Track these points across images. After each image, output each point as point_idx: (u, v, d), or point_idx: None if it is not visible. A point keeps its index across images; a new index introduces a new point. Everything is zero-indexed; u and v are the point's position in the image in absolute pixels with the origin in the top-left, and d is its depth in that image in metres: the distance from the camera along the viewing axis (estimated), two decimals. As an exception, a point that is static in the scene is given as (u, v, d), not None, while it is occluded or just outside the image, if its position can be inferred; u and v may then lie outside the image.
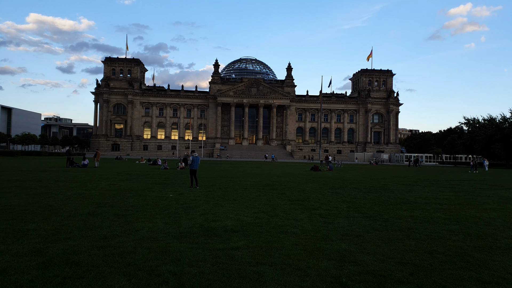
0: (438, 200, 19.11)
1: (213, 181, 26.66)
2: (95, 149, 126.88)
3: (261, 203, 15.83)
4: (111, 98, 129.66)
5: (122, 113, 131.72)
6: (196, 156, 21.80)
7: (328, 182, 28.40)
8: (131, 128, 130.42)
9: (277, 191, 21.31)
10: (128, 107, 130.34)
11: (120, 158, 72.18)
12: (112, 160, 67.80)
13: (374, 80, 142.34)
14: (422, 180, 33.60)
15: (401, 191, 22.96)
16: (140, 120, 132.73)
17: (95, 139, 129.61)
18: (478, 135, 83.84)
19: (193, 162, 21.52)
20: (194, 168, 21.53)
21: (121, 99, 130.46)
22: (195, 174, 21.65)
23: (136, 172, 35.45)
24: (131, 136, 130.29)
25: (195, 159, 21.57)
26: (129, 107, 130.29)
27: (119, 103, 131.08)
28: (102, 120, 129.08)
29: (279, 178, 31.37)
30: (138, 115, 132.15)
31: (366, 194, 20.62)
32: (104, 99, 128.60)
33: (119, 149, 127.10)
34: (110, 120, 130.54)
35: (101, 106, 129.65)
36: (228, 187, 22.77)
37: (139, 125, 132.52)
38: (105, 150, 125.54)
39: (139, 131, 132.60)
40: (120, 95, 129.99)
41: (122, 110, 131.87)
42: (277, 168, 53.77)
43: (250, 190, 21.33)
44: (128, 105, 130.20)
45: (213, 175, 33.18)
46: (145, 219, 11.67)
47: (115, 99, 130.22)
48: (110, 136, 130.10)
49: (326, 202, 17.02)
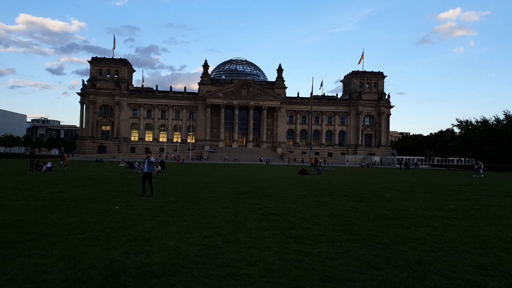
0: (444, 211, 15.63)
1: (182, 188, 22.94)
2: (80, 152, 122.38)
3: (224, 220, 12.17)
4: (97, 99, 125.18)
5: (109, 115, 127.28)
6: (150, 159, 17.91)
7: (315, 188, 24.85)
8: (118, 130, 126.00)
9: (253, 200, 17.68)
10: (115, 108, 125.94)
11: (100, 161, 68.00)
12: (91, 163, 63.52)
13: (365, 82, 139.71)
14: (418, 185, 30.22)
15: (398, 199, 19.48)
16: (127, 121, 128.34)
17: (81, 141, 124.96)
18: (471, 138, 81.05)
19: (146, 165, 17.76)
20: (148, 171, 17.77)
21: (108, 100, 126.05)
22: (150, 179, 17.89)
23: (102, 176, 31.55)
24: (118, 138, 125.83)
25: (147, 161, 17.79)
26: (116, 108, 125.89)
27: (106, 104, 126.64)
28: (88, 122, 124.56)
29: (261, 183, 27.75)
30: (125, 117, 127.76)
31: (358, 204, 17.08)
32: (91, 100, 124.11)
33: (105, 152, 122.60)
34: (97, 121, 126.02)
35: (87, 107, 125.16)
36: (196, 195, 19.07)
37: (126, 126, 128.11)
38: (91, 153, 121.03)
39: (126, 133, 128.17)
40: (107, 96, 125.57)
41: (109, 112, 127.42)
42: (264, 171, 50.17)
43: (220, 199, 17.67)
44: (115, 106, 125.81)
45: (188, 180, 29.45)
46: (38, 250, 7.93)
47: (102, 100, 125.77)
48: (97, 138, 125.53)
49: (307, 216, 13.41)
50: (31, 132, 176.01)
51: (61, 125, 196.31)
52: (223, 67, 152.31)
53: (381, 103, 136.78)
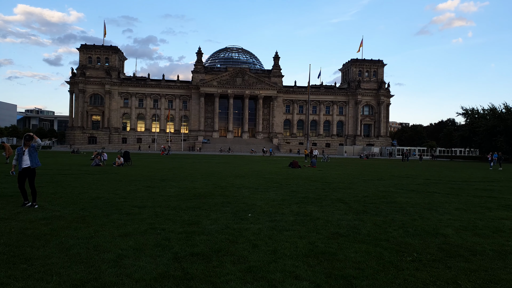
0: (504, 233, 9.01)
1: (115, 188, 16.23)
2: (70, 142, 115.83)
3: (72, 282, 5.49)
4: (87, 87, 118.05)
5: (99, 104, 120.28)
6: (32, 145, 11.07)
7: (301, 188, 18.16)
8: (109, 120, 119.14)
9: (197, 212, 11.02)
10: (105, 97, 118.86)
11: (77, 152, 61.49)
12: (63, 154, 56.87)
13: (364, 70, 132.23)
14: (433, 182, 23.53)
15: (418, 208, 12.81)
16: (118, 111, 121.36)
17: (71, 132, 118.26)
18: (478, 127, 74.00)
19: (25, 157, 10.98)
20: (27, 166, 10.99)
21: (98, 89, 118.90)
22: (31, 179, 11.15)
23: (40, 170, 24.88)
24: (109, 129, 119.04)
25: (27, 151, 10.99)
26: (106, 98, 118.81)
27: (96, 93, 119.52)
28: (78, 111, 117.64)
29: (233, 181, 21.09)
30: (116, 106, 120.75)
31: (360, 221, 10.37)
32: (80, 89, 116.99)
33: (96, 142, 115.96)
34: (87, 111, 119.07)
35: (77, 96, 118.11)
36: (115, 204, 12.37)
37: (117, 116, 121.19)
38: (81, 143, 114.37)
39: (117, 123, 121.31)
40: (97, 85, 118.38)
41: (100, 101, 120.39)
42: (250, 163, 43.48)
43: (144, 212, 11.00)
44: (105, 95, 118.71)
45: (143, 176, 22.79)
46: None
47: (92, 88, 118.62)
48: (87, 128, 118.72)
49: (265, 259, 6.73)
50: (23, 122, 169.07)
51: (54, 116, 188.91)
52: (218, 55, 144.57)
53: (380, 92, 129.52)
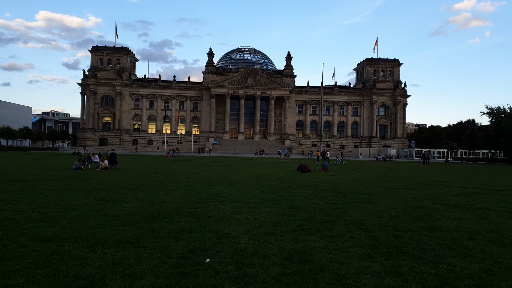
0: None
1: (56, 200, 11.84)
2: (81, 144, 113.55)
3: None
4: (98, 89, 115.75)
5: (110, 106, 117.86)
6: None
7: (305, 203, 13.39)
8: (119, 122, 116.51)
9: (109, 259, 6.49)
10: (116, 99, 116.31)
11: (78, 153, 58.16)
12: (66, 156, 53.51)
13: (380, 70, 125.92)
14: (473, 191, 18.42)
15: (480, 239, 7.88)
16: (129, 113, 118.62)
17: (82, 133, 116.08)
18: (505, 127, 67.43)
19: None
20: None
21: (109, 91, 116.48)
22: None
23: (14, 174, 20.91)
24: (120, 130, 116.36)
25: None
26: (117, 99, 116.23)
27: (107, 94, 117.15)
28: (89, 113, 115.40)
29: (221, 190, 16.50)
30: (127, 108, 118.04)
31: (395, 271, 5.55)
32: (91, 90, 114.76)
33: (106, 144, 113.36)
34: (98, 113, 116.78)
35: (88, 98, 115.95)
36: (7, 230, 7.94)
37: (128, 118, 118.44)
38: (92, 145, 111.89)
39: (128, 125, 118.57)
40: (108, 86, 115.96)
41: (111, 102, 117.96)
42: (254, 167, 38.83)
43: (12, 261, 6.54)
44: (116, 97, 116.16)
45: (119, 184, 18.44)
46: None
47: (103, 90, 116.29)
48: (98, 130, 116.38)
49: None
50: (39, 124, 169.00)
51: (69, 118, 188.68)
52: (230, 56, 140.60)
53: (396, 92, 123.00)
